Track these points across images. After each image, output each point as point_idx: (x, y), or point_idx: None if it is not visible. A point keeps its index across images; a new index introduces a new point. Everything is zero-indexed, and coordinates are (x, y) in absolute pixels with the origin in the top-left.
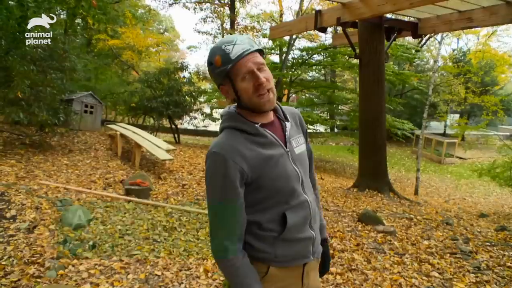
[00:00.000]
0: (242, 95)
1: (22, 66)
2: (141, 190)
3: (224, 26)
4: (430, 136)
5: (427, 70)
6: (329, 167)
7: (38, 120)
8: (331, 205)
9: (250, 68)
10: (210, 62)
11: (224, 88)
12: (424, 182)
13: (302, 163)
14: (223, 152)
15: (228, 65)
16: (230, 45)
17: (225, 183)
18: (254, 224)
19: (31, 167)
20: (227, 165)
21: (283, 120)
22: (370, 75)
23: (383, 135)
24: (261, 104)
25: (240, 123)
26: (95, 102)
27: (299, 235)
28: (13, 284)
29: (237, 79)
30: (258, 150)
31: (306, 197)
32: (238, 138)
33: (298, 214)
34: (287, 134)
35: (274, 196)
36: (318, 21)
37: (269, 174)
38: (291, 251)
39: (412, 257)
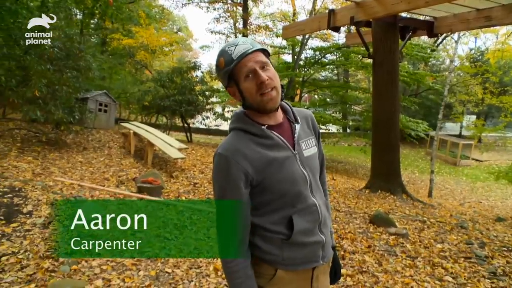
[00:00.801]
0: (246, 95)
1: (39, 66)
2: (153, 188)
3: (236, 26)
4: (445, 138)
5: (443, 70)
6: (341, 167)
7: (54, 118)
8: (342, 206)
9: (252, 67)
10: (216, 65)
11: (231, 89)
12: (438, 184)
13: (312, 166)
14: (227, 154)
15: (230, 65)
16: (232, 47)
17: (228, 184)
18: (261, 226)
19: (47, 164)
20: (230, 166)
21: (293, 121)
22: (383, 75)
23: (396, 136)
24: (264, 102)
25: (246, 125)
26: (109, 101)
27: (307, 239)
28: (28, 278)
29: (240, 79)
30: (263, 152)
31: (314, 200)
32: (244, 140)
33: (306, 218)
34: (296, 136)
35: (280, 199)
36: (331, 20)
37: (274, 177)
38: (299, 255)
39: (425, 261)
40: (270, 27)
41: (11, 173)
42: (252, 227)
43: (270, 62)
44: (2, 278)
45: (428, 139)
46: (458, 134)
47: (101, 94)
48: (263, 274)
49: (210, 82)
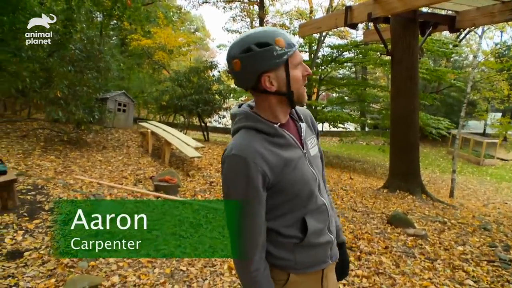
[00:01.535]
0: (293, 83)
1: (61, 67)
2: (169, 187)
3: (253, 25)
4: (468, 136)
5: (466, 66)
6: (359, 166)
7: (75, 118)
8: (359, 205)
9: (301, 58)
10: (266, 43)
11: (272, 75)
12: (460, 184)
13: (317, 164)
14: (244, 154)
15: (292, 49)
16: (285, 33)
17: (248, 187)
18: (273, 231)
19: (68, 163)
20: (249, 168)
21: (297, 120)
22: (402, 72)
23: (416, 134)
24: (304, 95)
25: (258, 123)
26: (128, 101)
27: (319, 240)
28: (49, 272)
29: (292, 67)
30: (278, 152)
31: (323, 200)
32: (257, 139)
33: (318, 218)
34: (303, 135)
35: (293, 200)
36: (348, 17)
37: (289, 178)
38: (311, 257)
39: (445, 263)
40: (287, 25)
41: (34, 171)
42: None
43: None
44: (24, 273)
45: (449, 137)
46: (482, 133)
47: (120, 94)
48: (276, 280)
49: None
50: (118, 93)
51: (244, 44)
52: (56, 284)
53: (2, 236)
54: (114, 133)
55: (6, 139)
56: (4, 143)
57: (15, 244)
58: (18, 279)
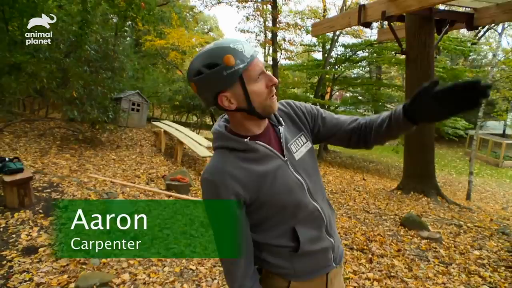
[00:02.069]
0: (254, 97)
1: (77, 67)
2: (181, 186)
3: (266, 24)
4: (486, 137)
5: (485, 64)
6: (372, 167)
7: (90, 118)
8: (372, 207)
9: (261, 68)
10: (214, 64)
11: (229, 94)
12: (478, 187)
13: (306, 167)
14: (212, 178)
15: (243, 64)
16: (239, 44)
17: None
18: (265, 243)
19: (83, 161)
20: (219, 191)
21: (276, 125)
22: (418, 71)
23: (431, 135)
24: (272, 106)
25: (228, 141)
26: (142, 101)
27: (316, 247)
28: (62, 268)
29: (250, 81)
30: (252, 168)
31: (315, 205)
32: (229, 158)
33: (310, 225)
34: (283, 141)
35: (279, 212)
36: (361, 16)
37: (269, 191)
38: (310, 264)
39: (460, 268)
40: (300, 25)
41: (50, 169)
42: (257, 244)
43: None
44: (39, 268)
45: (467, 138)
46: (501, 133)
47: (133, 94)
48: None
49: None
50: (132, 93)
51: (195, 66)
52: (69, 280)
53: (18, 232)
54: (128, 132)
55: (24, 137)
56: (23, 141)
57: (31, 240)
58: (33, 274)
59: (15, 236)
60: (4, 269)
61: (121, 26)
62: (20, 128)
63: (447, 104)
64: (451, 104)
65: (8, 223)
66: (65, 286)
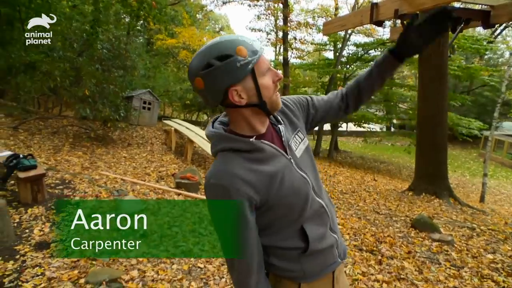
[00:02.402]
0: (264, 92)
1: (90, 66)
2: (190, 184)
3: (277, 23)
4: (501, 138)
5: (502, 64)
6: (383, 168)
7: (101, 116)
8: (382, 208)
9: (268, 63)
10: (226, 55)
11: (239, 88)
12: (492, 189)
13: (307, 164)
14: (222, 182)
15: (255, 56)
16: (248, 40)
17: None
18: (273, 246)
19: (95, 159)
20: (231, 196)
21: (275, 124)
22: (430, 70)
23: (444, 135)
24: (278, 102)
25: (233, 142)
26: (153, 99)
27: (323, 245)
28: (73, 264)
29: (260, 75)
30: (261, 168)
31: (321, 201)
32: (236, 161)
33: (317, 222)
34: (284, 139)
35: (288, 213)
36: (374, 14)
37: (279, 192)
38: (318, 263)
39: (472, 272)
40: (311, 24)
41: (63, 166)
42: (264, 248)
43: None
44: (50, 263)
45: (481, 139)
46: None
47: (145, 93)
48: None
49: None
50: (143, 91)
51: (204, 60)
52: (79, 275)
53: (31, 227)
54: (139, 130)
55: (38, 135)
56: (37, 139)
57: (43, 235)
58: (45, 268)
59: (28, 231)
60: (18, 263)
61: (133, 25)
62: (35, 126)
63: (425, 33)
64: (428, 32)
65: (21, 219)
66: (76, 281)
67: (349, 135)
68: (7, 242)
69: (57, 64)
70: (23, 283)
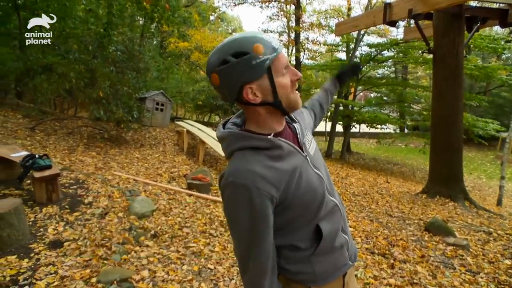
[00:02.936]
0: (281, 91)
1: (104, 68)
2: (202, 185)
3: (289, 24)
4: None
5: None
6: (396, 170)
7: (115, 117)
8: (395, 211)
9: (286, 62)
10: (243, 53)
11: (254, 86)
12: (510, 192)
13: (320, 163)
14: (243, 181)
15: (273, 54)
16: (266, 37)
17: (253, 215)
18: (285, 247)
19: (108, 159)
20: (252, 194)
21: (290, 122)
22: (445, 71)
23: (459, 137)
24: (297, 101)
25: (251, 140)
26: (166, 100)
27: (334, 244)
28: (85, 263)
29: (277, 73)
30: (280, 166)
31: (334, 200)
32: (254, 159)
33: (331, 220)
34: (300, 137)
35: (305, 212)
36: (387, 14)
37: (298, 189)
38: (329, 264)
39: (489, 277)
40: (324, 25)
41: (77, 166)
42: (276, 249)
43: None
44: (63, 262)
45: (499, 140)
46: None
47: (158, 94)
48: None
49: None
50: (156, 92)
51: (221, 56)
52: (91, 274)
53: (46, 226)
54: (152, 131)
55: (54, 135)
56: (52, 139)
57: (57, 234)
58: (58, 267)
59: (42, 230)
60: (32, 261)
61: (147, 27)
62: (50, 127)
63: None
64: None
65: (36, 217)
66: (88, 280)
67: (361, 137)
68: (22, 240)
69: (72, 66)
70: (36, 281)
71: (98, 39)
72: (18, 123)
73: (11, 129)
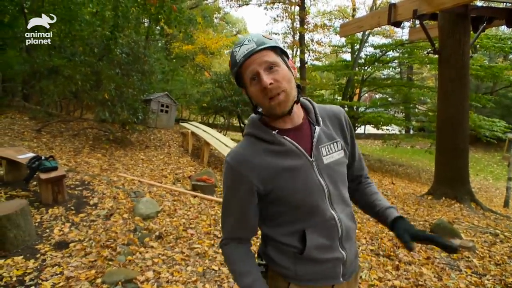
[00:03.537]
0: (254, 100)
1: (109, 70)
2: (206, 187)
3: (294, 26)
4: None
5: None
6: (402, 171)
7: (120, 119)
8: (400, 212)
9: (255, 70)
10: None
11: (244, 91)
12: None
13: (333, 174)
14: (232, 162)
15: (235, 68)
16: (238, 47)
17: (232, 191)
18: (273, 238)
19: (113, 161)
20: (234, 175)
21: (313, 123)
22: (451, 71)
23: (465, 138)
24: (272, 108)
25: (258, 130)
26: (170, 102)
27: (323, 256)
28: (90, 264)
29: (246, 83)
30: (273, 161)
31: (333, 214)
32: (254, 147)
33: (322, 233)
34: (315, 140)
35: (294, 210)
36: (392, 15)
37: (285, 187)
38: (314, 271)
39: (495, 280)
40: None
41: (82, 168)
42: (265, 238)
43: (284, 60)
44: (69, 262)
45: (506, 141)
46: None
47: (163, 96)
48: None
49: None
50: (161, 94)
51: None
52: (96, 275)
53: (51, 227)
54: (157, 133)
55: (60, 137)
56: (58, 141)
57: (62, 235)
58: (63, 268)
59: (48, 231)
60: (38, 262)
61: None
62: (56, 128)
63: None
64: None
65: (42, 218)
66: (93, 281)
67: (367, 138)
68: (28, 241)
69: (78, 68)
70: (42, 282)
71: (104, 41)
72: (25, 125)
73: (18, 131)
